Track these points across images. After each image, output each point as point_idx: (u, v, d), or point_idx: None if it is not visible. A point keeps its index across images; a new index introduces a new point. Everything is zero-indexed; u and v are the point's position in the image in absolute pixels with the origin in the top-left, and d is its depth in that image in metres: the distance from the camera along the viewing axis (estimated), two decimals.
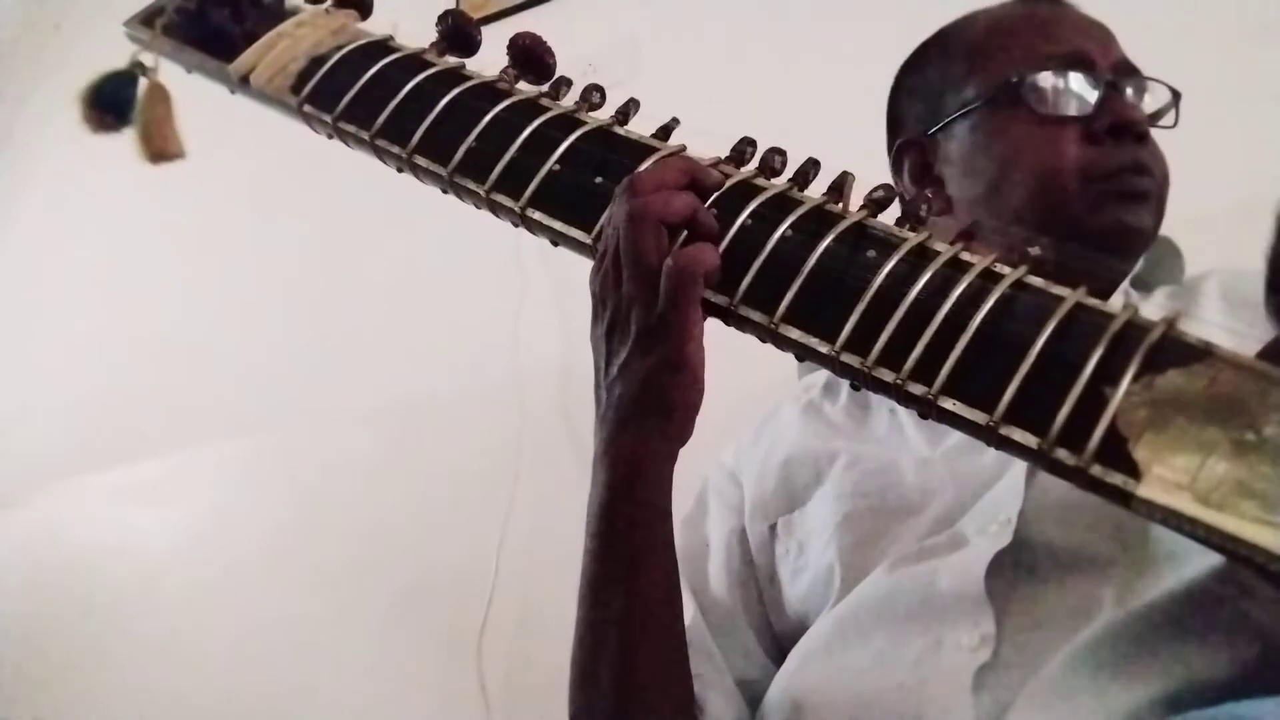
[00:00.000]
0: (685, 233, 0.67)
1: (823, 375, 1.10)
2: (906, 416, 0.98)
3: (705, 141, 0.71)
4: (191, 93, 0.89)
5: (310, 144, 0.87)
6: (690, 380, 0.69)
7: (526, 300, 1.93)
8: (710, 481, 1.09)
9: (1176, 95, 1.05)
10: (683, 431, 0.72)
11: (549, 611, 1.76)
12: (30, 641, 2.31)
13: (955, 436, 0.91)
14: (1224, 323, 0.87)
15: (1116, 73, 1.01)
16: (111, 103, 0.84)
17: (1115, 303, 0.91)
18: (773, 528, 0.99)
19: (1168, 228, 1.01)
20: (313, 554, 2.04)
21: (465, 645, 1.78)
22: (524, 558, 1.81)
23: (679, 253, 0.65)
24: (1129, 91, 1.02)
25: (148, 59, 0.85)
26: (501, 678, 1.76)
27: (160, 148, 0.85)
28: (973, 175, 1.02)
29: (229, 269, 2.42)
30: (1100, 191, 0.96)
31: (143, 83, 0.85)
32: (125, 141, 0.84)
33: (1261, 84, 1.45)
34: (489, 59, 0.81)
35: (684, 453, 1.11)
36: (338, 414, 2.15)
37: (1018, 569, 0.78)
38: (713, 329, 0.67)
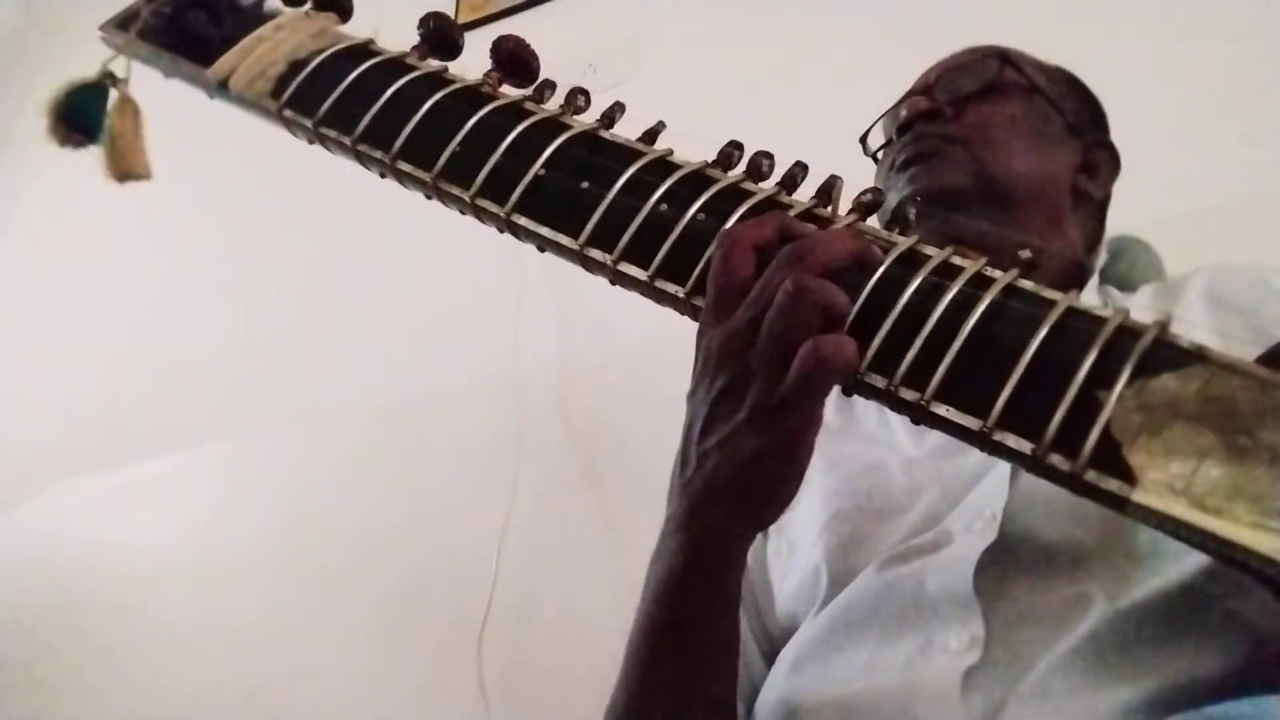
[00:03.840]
0: None
1: None
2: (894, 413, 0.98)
3: (691, 145, 0.70)
4: (186, 93, 0.88)
5: (306, 146, 0.86)
6: (795, 473, 0.65)
7: (526, 299, 1.93)
8: None
9: (1001, 55, 1.11)
10: (771, 520, 0.70)
11: (549, 611, 1.77)
12: (31, 641, 2.31)
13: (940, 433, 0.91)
14: (1208, 321, 0.88)
15: (926, 89, 1.11)
16: (80, 118, 0.82)
17: (1092, 299, 0.93)
18: None
19: (1158, 228, 1.02)
20: (313, 554, 2.04)
21: (465, 645, 1.77)
22: (524, 557, 1.81)
23: (824, 340, 0.58)
24: (920, 97, 1.10)
25: (119, 67, 0.83)
26: (501, 678, 1.76)
27: (126, 167, 0.83)
28: None
29: (229, 269, 2.43)
30: (901, 188, 1.03)
31: (113, 95, 0.83)
32: (93, 155, 0.82)
33: (1259, 83, 1.46)
34: (484, 62, 0.80)
35: (678, 443, 1.11)
36: (337, 414, 2.15)
37: (1004, 566, 0.78)
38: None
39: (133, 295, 2.58)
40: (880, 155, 1.14)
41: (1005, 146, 1.03)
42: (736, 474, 0.65)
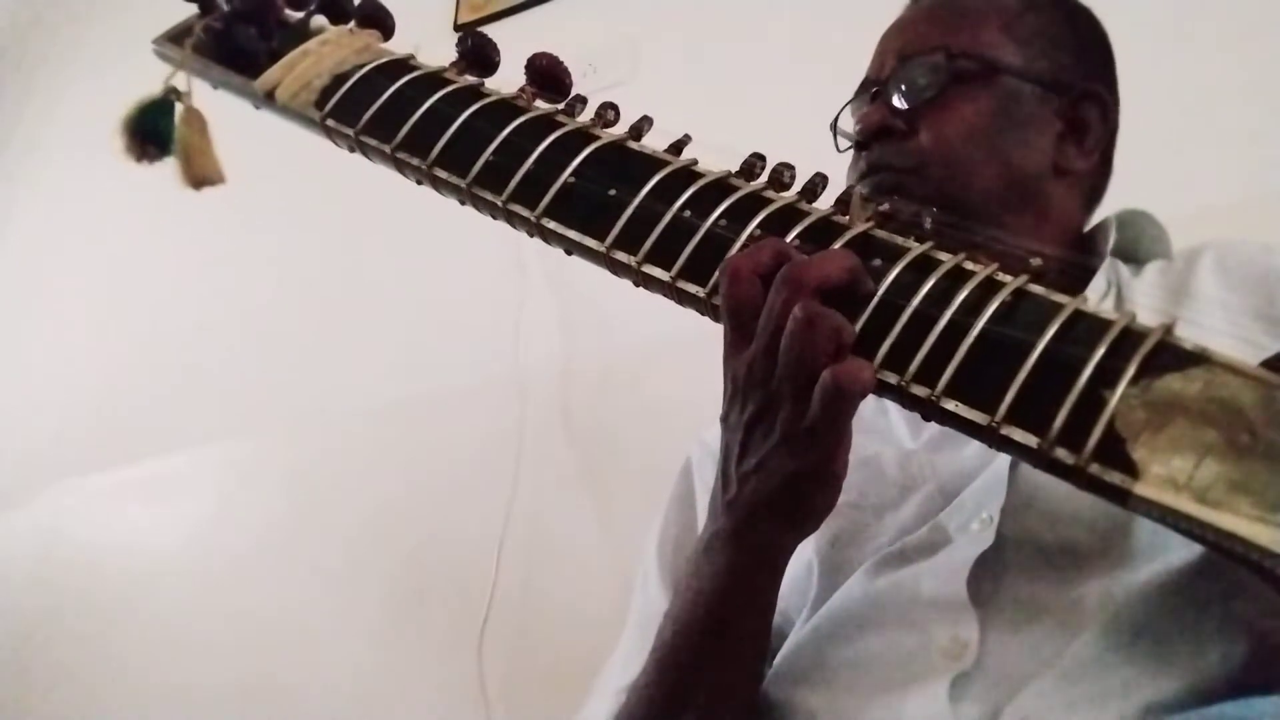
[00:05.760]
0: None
1: None
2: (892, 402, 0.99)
3: (715, 157, 0.72)
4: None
5: (309, 147, 0.88)
6: (833, 489, 0.68)
7: (528, 301, 1.94)
8: (695, 467, 1.10)
9: (949, 53, 1.00)
10: (813, 529, 0.73)
11: (549, 611, 1.77)
12: (31, 640, 2.31)
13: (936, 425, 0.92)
14: (1219, 294, 0.88)
15: (879, 81, 1.04)
16: (152, 132, 0.85)
17: (1099, 282, 0.93)
18: None
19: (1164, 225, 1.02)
20: (313, 553, 2.04)
21: (465, 645, 1.79)
22: (524, 557, 1.82)
23: (840, 370, 0.59)
24: (879, 98, 1.03)
25: (180, 82, 0.86)
26: (502, 678, 1.77)
27: (202, 173, 0.86)
28: None
29: (230, 269, 2.43)
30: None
31: (178, 109, 0.87)
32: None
33: (1261, 82, 1.47)
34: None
35: (678, 443, 1.12)
36: (338, 413, 2.15)
37: (1000, 570, 0.79)
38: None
39: (132, 295, 2.57)
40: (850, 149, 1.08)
41: (968, 161, 0.97)
42: (777, 495, 0.68)
